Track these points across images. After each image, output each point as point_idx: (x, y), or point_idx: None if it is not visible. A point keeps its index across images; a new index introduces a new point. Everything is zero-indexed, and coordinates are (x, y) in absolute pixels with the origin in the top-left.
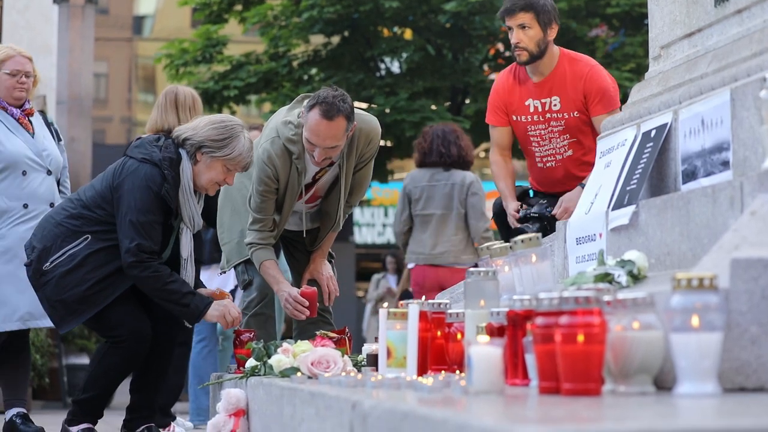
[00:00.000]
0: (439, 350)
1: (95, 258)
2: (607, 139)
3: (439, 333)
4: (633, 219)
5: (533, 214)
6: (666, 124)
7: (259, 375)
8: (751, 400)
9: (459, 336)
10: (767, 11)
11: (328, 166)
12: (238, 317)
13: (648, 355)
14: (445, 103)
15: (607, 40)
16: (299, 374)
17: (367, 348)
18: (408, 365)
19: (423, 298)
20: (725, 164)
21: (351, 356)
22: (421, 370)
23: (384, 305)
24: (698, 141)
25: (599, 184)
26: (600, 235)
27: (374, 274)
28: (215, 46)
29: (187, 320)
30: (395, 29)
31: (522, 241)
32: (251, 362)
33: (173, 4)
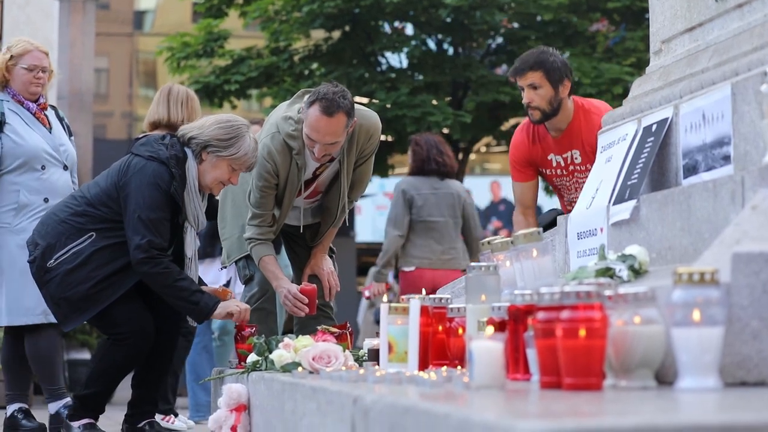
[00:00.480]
0: (441, 345)
1: (100, 256)
2: (608, 134)
3: (440, 328)
4: (634, 214)
5: None
6: (667, 118)
7: (260, 370)
8: (753, 395)
9: (460, 331)
10: None
11: (328, 162)
12: (246, 311)
13: (649, 349)
14: (446, 98)
15: (608, 34)
16: (300, 369)
17: (368, 343)
18: (409, 360)
19: (423, 292)
20: (726, 159)
21: (352, 351)
22: (423, 365)
23: (384, 299)
24: (699, 135)
25: (600, 179)
26: (601, 230)
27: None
28: (216, 40)
29: (196, 318)
30: (396, 24)
31: (523, 236)
32: (252, 357)
33: None
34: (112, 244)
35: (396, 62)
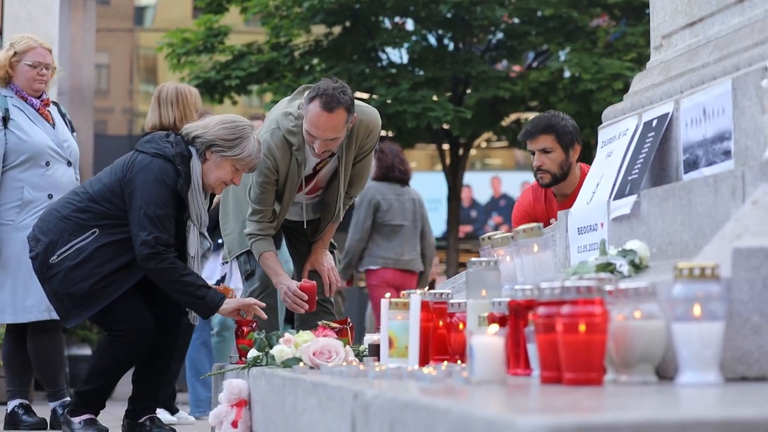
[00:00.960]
0: (441, 340)
1: (103, 252)
2: (608, 129)
3: (441, 323)
4: (634, 209)
5: None
6: (667, 113)
7: (261, 365)
8: (753, 390)
9: (461, 326)
10: None
11: (328, 158)
12: (252, 306)
13: (650, 344)
14: (447, 94)
15: (609, 29)
16: (301, 364)
17: (368, 338)
18: (410, 355)
19: (388, 295)
20: (727, 154)
21: (353, 346)
22: (423, 360)
23: (386, 294)
24: (700, 130)
25: (601, 174)
26: (601, 225)
27: None
28: (217, 35)
29: (202, 313)
30: (396, 19)
31: (524, 231)
32: (253, 353)
33: None
34: (115, 241)
35: (396, 58)
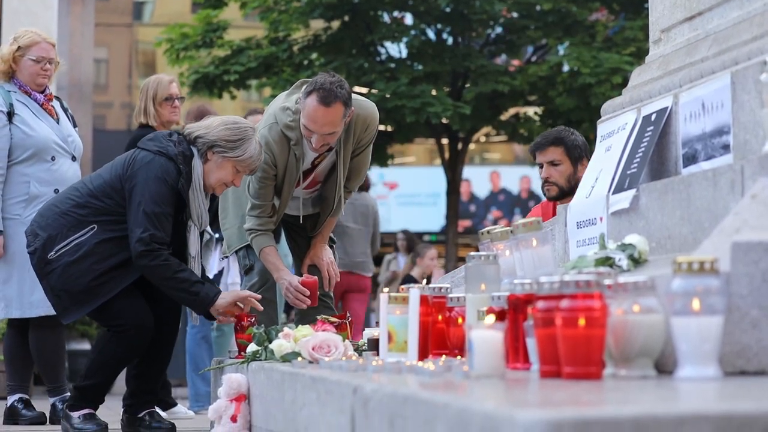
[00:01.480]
0: (440, 334)
1: (102, 248)
2: (607, 123)
3: (440, 317)
4: (633, 203)
5: None
6: (666, 107)
7: (260, 360)
8: (752, 384)
9: (460, 320)
10: None
11: (326, 152)
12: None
13: (649, 338)
14: (446, 88)
15: (608, 23)
16: (300, 359)
17: (368, 332)
18: (409, 350)
19: (386, 290)
20: (726, 148)
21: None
22: (422, 355)
23: (386, 290)
24: (699, 124)
25: (600, 168)
26: (600, 219)
27: (386, 255)
28: (215, 30)
29: (197, 309)
30: (395, 14)
31: (523, 226)
32: (252, 347)
33: None
34: (114, 238)
35: (395, 52)
